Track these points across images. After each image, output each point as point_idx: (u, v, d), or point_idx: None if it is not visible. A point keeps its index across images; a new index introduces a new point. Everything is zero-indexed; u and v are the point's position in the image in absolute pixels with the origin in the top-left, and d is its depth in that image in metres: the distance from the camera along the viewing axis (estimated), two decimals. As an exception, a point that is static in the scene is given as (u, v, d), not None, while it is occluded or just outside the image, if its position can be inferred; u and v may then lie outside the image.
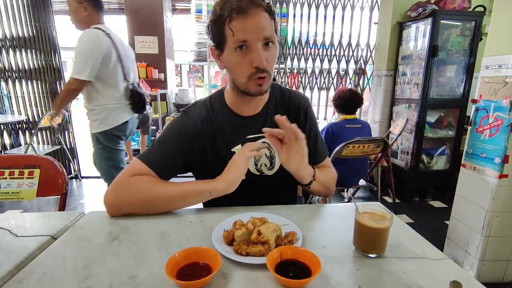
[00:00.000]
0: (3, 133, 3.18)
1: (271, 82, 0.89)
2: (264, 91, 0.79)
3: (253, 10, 0.69)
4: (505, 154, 1.41)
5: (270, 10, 0.72)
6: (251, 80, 0.75)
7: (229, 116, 0.86)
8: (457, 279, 0.49)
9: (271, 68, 0.76)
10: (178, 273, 0.50)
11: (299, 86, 3.98)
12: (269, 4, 0.73)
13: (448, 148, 2.83)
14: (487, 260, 1.57)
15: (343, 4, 3.66)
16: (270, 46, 0.73)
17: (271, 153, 0.88)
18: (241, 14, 0.69)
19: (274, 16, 0.74)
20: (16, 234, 0.67)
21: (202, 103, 0.89)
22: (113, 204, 0.74)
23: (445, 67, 2.64)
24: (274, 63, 0.77)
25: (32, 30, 2.96)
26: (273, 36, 0.73)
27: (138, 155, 0.80)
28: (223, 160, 0.85)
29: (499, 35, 1.48)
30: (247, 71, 0.74)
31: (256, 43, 0.71)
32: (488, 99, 1.50)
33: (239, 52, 0.72)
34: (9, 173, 0.95)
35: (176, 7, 5.00)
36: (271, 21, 0.73)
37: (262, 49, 0.72)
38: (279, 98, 0.91)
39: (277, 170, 0.89)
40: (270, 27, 0.72)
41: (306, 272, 0.51)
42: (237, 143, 0.86)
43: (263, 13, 0.71)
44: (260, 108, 0.88)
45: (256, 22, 0.70)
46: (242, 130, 0.86)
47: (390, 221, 0.58)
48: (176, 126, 0.84)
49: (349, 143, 1.84)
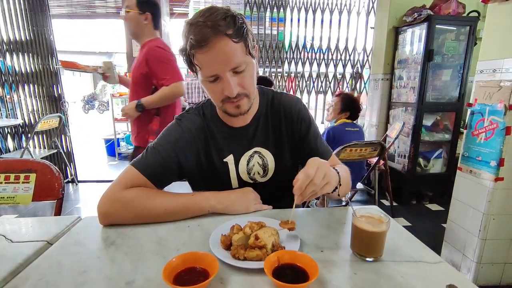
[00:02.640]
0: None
1: (259, 89, 0.89)
2: (244, 112, 0.77)
3: (214, 41, 0.65)
4: (500, 157, 1.43)
5: (235, 32, 0.66)
6: (226, 103, 0.75)
7: (220, 126, 0.86)
8: (454, 282, 0.49)
9: (248, 89, 0.74)
10: (175, 278, 0.50)
11: (297, 90, 4.00)
12: (235, 23, 0.67)
13: (444, 151, 2.85)
14: (484, 263, 1.57)
15: (340, 9, 3.70)
16: (242, 71, 0.71)
17: (264, 161, 0.88)
18: (202, 49, 0.65)
19: (242, 34, 0.68)
20: (11, 239, 0.66)
21: (195, 110, 0.89)
22: (107, 217, 0.73)
23: (440, 71, 2.67)
24: (251, 82, 0.75)
25: (29, 34, 2.96)
26: (242, 63, 0.69)
27: (132, 162, 0.78)
28: (216, 169, 0.86)
29: (493, 40, 1.50)
30: (220, 97, 0.74)
31: (224, 74, 0.69)
32: (483, 103, 1.51)
33: (210, 83, 0.72)
34: (5, 178, 0.94)
35: (173, 11, 5.03)
36: (238, 44, 0.68)
37: (232, 76, 0.70)
38: (270, 105, 0.89)
39: (271, 177, 0.89)
40: (237, 53, 0.68)
41: (304, 277, 0.50)
42: (229, 154, 0.86)
43: (224, 41, 0.65)
44: (250, 118, 0.87)
45: (219, 55, 0.66)
46: (233, 140, 0.86)
47: (387, 225, 0.58)
48: (172, 133, 0.83)
49: (347, 147, 1.85)
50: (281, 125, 0.89)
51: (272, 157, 0.88)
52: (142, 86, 1.68)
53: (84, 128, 8.28)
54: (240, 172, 0.87)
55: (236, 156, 0.86)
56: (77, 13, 4.87)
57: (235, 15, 0.68)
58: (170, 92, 1.62)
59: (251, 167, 0.87)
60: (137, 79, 1.69)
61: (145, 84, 1.66)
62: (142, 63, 1.62)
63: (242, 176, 0.87)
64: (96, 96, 13.87)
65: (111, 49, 14.90)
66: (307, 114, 0.90)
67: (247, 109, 0.78)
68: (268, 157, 0.88)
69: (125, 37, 4.24)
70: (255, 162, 0.87)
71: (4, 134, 3.18)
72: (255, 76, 0.77)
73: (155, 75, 1.62)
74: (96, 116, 12.19)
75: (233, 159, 0.86)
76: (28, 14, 2.93)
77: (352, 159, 1.94)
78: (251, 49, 0.73)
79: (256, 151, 0.87)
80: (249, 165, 0.87)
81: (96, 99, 13.56)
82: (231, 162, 0.86)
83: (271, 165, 0.88)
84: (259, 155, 0.87)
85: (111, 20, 4.91)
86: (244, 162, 0.87)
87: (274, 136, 0.89)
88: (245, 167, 0.87)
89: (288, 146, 0.90)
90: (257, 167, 0.88)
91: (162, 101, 1.65)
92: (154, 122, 1.69)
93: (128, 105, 1.67)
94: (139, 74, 1.65)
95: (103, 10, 4.86)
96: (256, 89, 0.87)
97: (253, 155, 0.87)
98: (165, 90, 1.61)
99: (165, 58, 1.63)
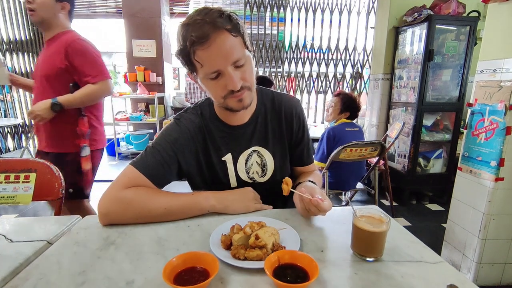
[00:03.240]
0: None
1: (258, 88, 0.89)
2: (247, 105, 0.77)
3: (214, 36, 0.66)
4: (500, 157, 1.43)
5: (233, 28, 0.68)
6: (228, 98, 0.74)
7: (218, 125, 0.87)
8: (454, 282, 0.49)
9: (250, 81, 0.74)
10: (176, 278, 0.50)
11: (297, 90, 4.00)
12: (231, 20, 0.69)
13: (444, 151, 2.85)
14: (485, 263, 1.57)
15: (340, 9, 3.70)
16: (242, 65, 0.71)
17: (262, 160, 0.88)
18: (203, 45, 0.66)
19: (239, 29, 0.70)
20: (11, 239, 0.66)
21: (193, 109, 0.89)
22: (107, 217, 0.73)
23: (440, 71, 2.67)
24: (252, 75, 0.75)
25: (29, 33, 2.96)
26: (242, 56, 0.70)
27: (132, 162, 0.78)
28: (215, 168, 0.86)
29: (493, 39, 1.50)
30: (222, 93, 0.73)
31: (226, 68, 0.69)
32: (483, 103, 1.51)
33: (212, 80, 0.72)
34: (5, 177, 0.94)
35: (174, 11, 5.03)
36: (237, 38, 0.69)
37: (234, 70, 0.70)
38: (269, 105, 0.90)
39: (270, 177, 0.89)
40: (237, 47, 0.69)
41: (304, 277, 0.50)
42: (227, 153, 0.86)
43: (225, 35, 0.67)
44: (249, 117, 0.87)
45: (221, 49, 0.67)
46: (231, 139, 0.86)
47: (388, 225, 0.58)
48: (171, 133, 0.83)
49: (347, 147, 1.84)
50: (281, 126, 0.89)
51: (271, 156, 0.88)
52: (57, 82, 1.42)
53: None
54: (238, 171, 0.87)
55: (234, 155, 0.86)
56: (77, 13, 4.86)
57: (229, 13, 0.70)
58: (97, 90, 1.45)
59: (249, 166, 0.87)
60: (50, 74, 1.42)
61: (63, 80, 1.42)
62: (59, 56, 1.39)
63: (240, 175, 0.87)
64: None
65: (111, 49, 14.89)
66: (305, 117, 0.94)
67: (249, 102, 0.78)
68: (267, 157, 0.88)
69: (125, 37, 4.25)
70: (253, 161, 0.87)
71: (4, 134, 3.18)
72: (254, 71, 0.77)
73: (78, 71, 1.41)
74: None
75: (232, 158, 0.86)
76: (28, 14, 2.93)
77: (352, 159, 1.94)
78: (249, 44, 0.74)
79: (254, 150, 0.87)
80: (248, 164, 0.87)
81: (96, 99, 13.51)
82: (230, 161, 0.86)
83: (270, 165, 0.88)
84: (258, 154, 0.87)
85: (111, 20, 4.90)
86: (243, 161, 0.87)
87: (273, 136, 0.89)
88: (243, 166, 0.87)
89: (287, 146, 0.91)
90: (256, 167, 0.88)
91: (87, 100, 1.46)
92: (82, 124, 1.48)
93: (39, 105, 1.38)
94: (55, 68, 1.40)
95: (103, 9, 4.87)
96: None
97: (251, 154, 0.87)
98: (91, 88, 1.43)
99: (90, 52, 1.45)
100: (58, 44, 1.41)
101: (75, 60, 1.40)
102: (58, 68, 1.39)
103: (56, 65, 1.39)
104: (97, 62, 1.46)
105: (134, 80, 4.25)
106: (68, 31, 1.47)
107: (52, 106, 1.37)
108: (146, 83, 4.24)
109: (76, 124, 1.46)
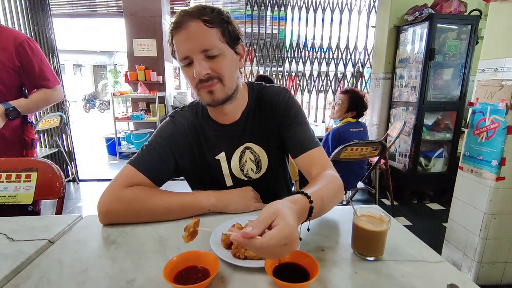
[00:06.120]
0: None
1: (249, 85, 0.88)
2: (219, 99, 0.75)
3: (187, 23, 0.69)
4: (501, 156, 1.42)
5: (211, 19, 0.69)
6: (200, 90, 0.75)
7: (211, 124, 0.87)
8: (455, 282, 0.49)
9: (223, 74, 0.73)
10: (176, 277, 0.50)
11: (297, 89, 4.00)
12: (213, 13, 0.70)
13: (445, 151, 2.84)
14: (485, 263, 1.57)
15: (341, 8, 3.69)
16: (214, 57, 0.71)
17: (256, 156, 0.88)
18: (177, 30, 0.70)
19: (218, 23, 0.71)
20: (12, 238, 0.67)
21: (188, 107, 0.90)
22: (107, 216, 0.73)
23: (442, 70, 2.66)
24: (227, 70, 0.74)
25: (30, 33, 2.96)
26: (214, 47, 0.70)
27: (129, 161, 0.79)
28: (209, 167, 0.87)
29: (494, 38, 1.49)
30: (193, 82, 0.74)
31: (195, 55, 0.70)
32: (484, 102, 1.51)
33: (186, 68, 0.73)
34: (6, 176, 0.94)
35: (174, 10, 5.02)
36: (213, 29, 0.70)
37: (203, 60, 0.70)
38: (259, 99, 0.88)
39: (264, 173, 0.89)
40: (209, 37, 0.70)
41: (305, 276, 0.50)
42: (220, 151, 0.86)
43: (198, 24, 0.69)
44: (239, 114, 0.86)
45: (190, 34, 0.69)
46: (223, 138, 0.86)
47: (388, 224, 0.58)
48: (165, 130, 0.84)
49: (347, 146, 1.84)
50: (270, 118, 0.86)
51: (264, 152, 0.88)
52: (5, 85, 1.22)
53: (85, 127, 8.29)
54: (232, 168, 0.87)
55: (227, 153, 0.86)
56: (78, 12, 4.88)
57: (217, 9, 0.72)
58: (54, 95, 1.37)
59: (243, 163, 0.87)
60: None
61: (12, 82, 1.24)
62: (7, 56, 1.19)
63: (235, 173, 0.87)
64: (97, 95, 13.89)
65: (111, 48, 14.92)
66: (294, 102, 0.87)
67: (223, 97, 0.75)
68: (260, 153, 0.87)
69: (126, 36, 4.25)
70: (247, 158, 0.87)
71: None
72: (233, 67, 0.76)
73: (34, 74, 1.27)
74: (97, 115, 12.22)
75: (225, 156, 0.86)
76: (29, 13, 2.93)
77: (353, 158, 1.94)
78: (231, 41, 0.74)
79: (247, 147, 0.87)
80: (241, 162, 0.87)
81: (97, 98, 13.58)
82: (223, 159, 0.86)
83: (264, 160, 0.88)
84: (250, 151, 0.87)
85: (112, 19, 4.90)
86: (236, 159, 0.87)
87: (264, 131, 0.87)
88: (237, 164, 0.87)
89: (279, 136, 0.87)
90: (250, 163, 0.88)
91: (42, 105, 1.37)
92: (28, 131, 1.34)
93: None
94: (3, 68, 1.19)
95: (104, 9, 4.87)
96: (244, 84, 0.88)
97: (244, 151, 0.87)
98: (48, 93, 1.34)
99: (43, 56, 1.33)
100: (6, 41, 1.20)
101: (28, 62, 1.24)
102: (8, 67, 1.20)
103: (5, 64, 1.19)
104: (49, 66, 1.36)
105: (134, 79, 4.26)
106: (12, 29, 1.28)
107: (8, 113, 1.18)
108: (147, 83, 4.25)
109: (22, 132, 1.31)
